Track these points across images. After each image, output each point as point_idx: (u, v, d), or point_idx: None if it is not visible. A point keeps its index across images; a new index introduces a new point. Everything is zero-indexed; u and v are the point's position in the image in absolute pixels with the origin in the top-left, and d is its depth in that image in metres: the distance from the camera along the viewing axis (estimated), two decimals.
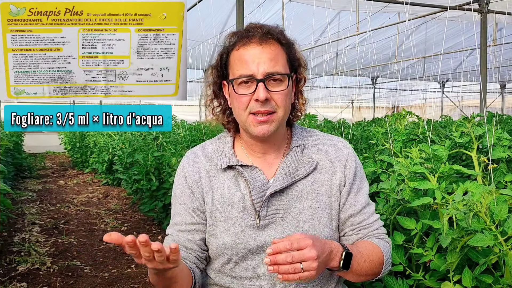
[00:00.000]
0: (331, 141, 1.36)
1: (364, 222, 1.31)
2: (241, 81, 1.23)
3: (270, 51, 1.23)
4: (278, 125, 1.25)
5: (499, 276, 1.36)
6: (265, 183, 1.28)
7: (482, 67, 5.80)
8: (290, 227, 1.26)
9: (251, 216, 1.26)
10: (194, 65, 9.75)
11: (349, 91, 18.38)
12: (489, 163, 1.78)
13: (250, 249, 1.26)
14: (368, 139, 3.89)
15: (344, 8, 8.93)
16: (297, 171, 1.28)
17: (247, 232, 1.26)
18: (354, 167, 1.33)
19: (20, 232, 4.88)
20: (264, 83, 1.20)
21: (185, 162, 1.36)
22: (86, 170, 9.65)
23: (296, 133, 1.36)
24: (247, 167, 1.29)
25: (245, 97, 1.22)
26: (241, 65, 1.23)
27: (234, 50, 1.25)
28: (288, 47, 1.28)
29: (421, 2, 6.37)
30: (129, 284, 3.55)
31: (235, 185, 1.29)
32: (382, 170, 2.06)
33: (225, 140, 1.37)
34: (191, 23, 8.14)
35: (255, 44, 1.23)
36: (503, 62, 10.03)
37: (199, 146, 1.40)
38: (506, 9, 6.73)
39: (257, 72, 1.21)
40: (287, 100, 1.25)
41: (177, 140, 5.57)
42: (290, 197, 1.27)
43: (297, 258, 1.04)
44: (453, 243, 1.39)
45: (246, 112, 1.23)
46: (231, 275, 1.29)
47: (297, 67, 1.30)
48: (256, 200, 1.26)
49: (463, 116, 2.10)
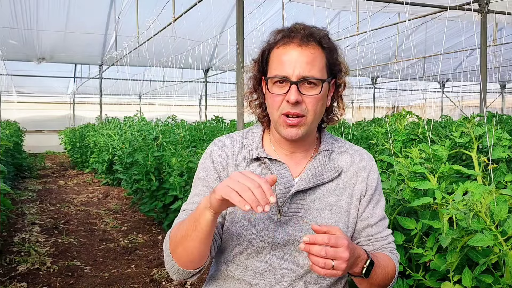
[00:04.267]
0: (357, 151, 1.39)
1: (379, 234, 1.34)
2: (276, 80, 1.24)
3: (309, 54, 1.22)
4: (307, 129, 1.26)
5: (499, 276, 1.36)
6: (290, 180, 1.29)
7: (482, 67, 5.79)
8: (308, 227, 1.27)
9: (272, 210, 1.27)
10: (194, 65, 9.72)
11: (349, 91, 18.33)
12: (489, 163, 1.78)
13: (267, 242, 1.27)
14: (368, 139, 3.89)
15: (344, 8, 8.92)
16: (322, 174, 1.30)
17: (266, 225, 1.27)
18: (376, 179, 1.36)
19: (20, 232, 4.88)
20: (297, 85, 1.21)
21: (213, 147, 1.37)
22: (86, 170, 9.65)
23: (325, 138, 1.38)
24: (274, 161, 1.31)
25: (278, 96, 1.24)
26: (278, 65, 1.24)
27: (275, 48, 1.27)
28: (330, 51, 1.27)
29: (421, 2, 6.36)
30: (129, 284, 3.55)
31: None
32: (382, 170, 2.06)
33: (255, 133, 1.38)
34: (191, 23, 8.15)
35: (295, 45, 1.23)
36: (503, 62, 10.03)
37: (228, 135, 1.41)
38: (506, 9, 6.72)
39: (292, 74, 1.21)
40: (319, 105, 1.26)
41: (177, 140, 5.57)
42: (313, 198, 1.29)
43: (330, 255, 1.06)
44: (453, 243, 1.39)
45: (278, 112, 1.24)
46: (243, 265, 1.29)
47: (337, 72, 1.31)
48: (280, 196, 1.27)
49: (463, 116, 2.10)
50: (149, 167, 4.96)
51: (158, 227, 5.07)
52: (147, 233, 4.91)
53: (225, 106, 13.88)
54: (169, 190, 4.44)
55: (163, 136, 5.66)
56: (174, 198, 4.48)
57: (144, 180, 4.98)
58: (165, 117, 7.91)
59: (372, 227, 1.33)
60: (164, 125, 7.30)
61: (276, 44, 1.27)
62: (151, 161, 4.98)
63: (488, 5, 6.05)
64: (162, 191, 4.79)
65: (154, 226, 5.14)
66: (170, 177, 4.38)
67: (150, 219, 5.33)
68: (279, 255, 1.27)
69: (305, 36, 1.24)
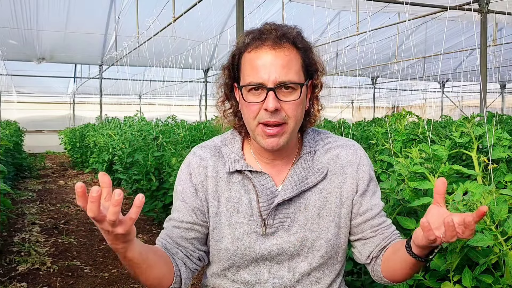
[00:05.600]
0: (342, 145, 1.31)
1: (384, 223, 1.30)
2: (251, 88, 1.15)
3: (284, 56, 1.14)
4: (288, 137, 1.18)
5: (499, 276, 1.36)
6: (273, 191, 1.23)
7: (482, 67, 5.79)
8: (296, 236, 1.23)
9: (257, 223, 1.22)
10: (194, 65, 9.72)
11: (349, 91, 18.37)
12: (489, 163, 1.78)
13: (255, 256, 1.23)
14: (368, 139, 3.89)
15: (344, 8, 8.93)
16: (306, 179, 1.24)
17: (252, 239, 1.22)
18: (367, 170, 1.29)
19: (20, 232, 4.88)
20: (274, 92, 1.12)
21: (191, 158, 1.29)
22: (86, 170, 9.65)
23: (307, 138, 1.30)
24: (256, 173, 1.24)
25: (255, 105, 1.15)
26: (251, 71, 1.14)
27: (246, 52, 1.17)
28: (305, 51, 1.19)
29: (421, 2, 6.36)
30: (129, 284, 3.55)
31: (242, 189, 1.24)
32: (382, 170, 2.06)
33: (234, 140, 1.30)
34: (191, 23, 8.15)
35: (268, 48, 1.14)
36: (503, 62, 10.03)
37: (207, 143, 1.32)
38: (506, 9, 6.72)
39: (267, 80, 1.12)
40: (299, 110, 1.17)
41: (177, 140, 5.56)
42: (298, 205, 1.23)
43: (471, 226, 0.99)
44: (453, 243, 1.39)
45: (255, 121, 1.16)
46: (233, 279, 1.27)
47: (314, 72, 1.22)
48: (264, 208, 1.22)
49: (463, 116, 2.10)
50: (149, 167, 4.96)
51: (158, 227, 5.07)
52: (147, 233, 4.90)
53: None
54: (169, 190, 4.44)
55: (163, 136, 5.66)
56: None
57: (144, 180, 4.98)
58: (165, 117, 7.90)
59: (375, 218, 1.28)
60: (164, 125, 7.29)
61: (246, 47, 1.17)
62: (151, 161, 4.98)
63: (488, 5, 6.05)
64: (162, 191, 4.79)
65: (154, 226, 5.14)
66: (170, 177, 4.38)
67: (150, 219, 5.33)
68: (269, 265, 1.25)
69: (278, 37, 1.14)
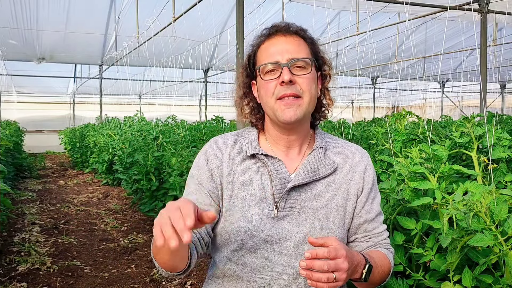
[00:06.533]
0: (352, 148, 1.41)
1: (375, 230, 1.35)
2: (268, 70, 1.28)
3: (294, 40, 1.29)
4: (304, 111, 1.28)
5: (499, 276, 1.36)
6: (286, 176, 1.30)
7: (482, 67, 5.79)
8: (305, 223, 1.28)
9: (269, 206, 1.28)
10: (194, 65, 9.73)
11: (349, 91, 18.37)
12: (489, 163, 1.78)
13: (264, 238, 1.27)
14: (368, 139, 3.89)
15: (344, 8, 8.93)
16: (318, 170, 1.32)
17: (263, 221, 1.28)
18: (372, 174, 1.37)
19: (20, 232, 4.88)
20: (288, 67, 1.25)
21: (208, 146, 1.39)
22: (86, 170, 9.65)
23: (319, 135, 1.40)
24: (270, 158, 1.33)
25: (272, 82, 1.27)
26: (266, 55, 1.29)
27: (260, 46, 1.32)
28: (312, 43, 1.33)
29: (421, 2, 6.36)
30: (129, 284, 3.55)
31: (256, 174, 1.32)
32: (382, 170, 2.06)
33: (251, 132, 1.41)
34: (191, 23, 8.15)
35: (280, 35, 1.30)
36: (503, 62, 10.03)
37: (224, 135, 1.43)
38: (506, 9, 6.72)
39: (281, 58, 1.27)
40: (312, 86, 1.29)
41: (177, 140, 5.56)
42: (309, 194, 1.30)
43: (332, 268, 1.06)
44: (453, 243, 1.39)
45: (273, 98, 1.27)
46: (241, 262, 1.30)
47: (322, 64, 1.35)
48: (277, 191, 1.28)
49: (463, 116, 2.10)
50: (149, 167, 4.96)
51: None
52: (147, 233, 4.90)
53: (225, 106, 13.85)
54: (169, 190, 4.44)
55: (163, 136, 5.66)
56: (174, 198, 4.48)
57: (144, 180, 4.98)
58: (165, 117, 7.91)
59: (370, 223, 1.34)
60: (164, 125, 7.30)
61: (260, 43, 1.33)
62: (151, 161, 4.98)
63: (488, 5, 6.05)
64: (162, 191, 4.79)
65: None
66: (170, 177, 4.38)
67: (150, 219, 5.33)
68: (277, 251, 1.28)
69: (287, 28, 1.31)
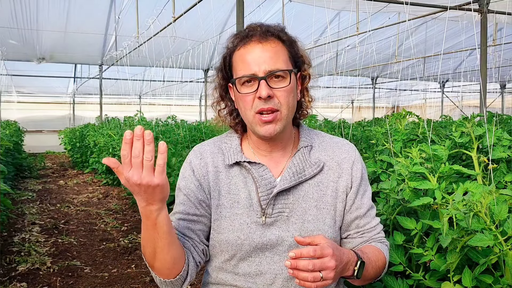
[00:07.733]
0: (338, 143, 1.37)
1: (368, 225, 1.33)
2: (244, 80, 1.24)
3: (271, 48, 1.23)
4: (284, 124, 1.25)
5: (499, 276, 1.36)
6: (272, 181, 1.28)
7: (482, 67, 5.79)
8: (295, 226, 1.26)
9: (257, 213, 1.27)
10: (194, 65, 9.72)
11: (349, 91, 18.38)
12: (489, 163, 1.78)
13: (255, 246, 1.26)
14: (368, 139, 3.89)
15: (344, 8, 8.93)
16: (304, 171, 1.29)
17: (252, 229, 1.26)
18: (360, 169, 1.34)
19: (20, 232, 4.88)
20: (266, 80, 1.21)
21: (192, 156, 1.36)
22: (86, 170, 9.65)
23: (304, 134, 1.36)
24: (254, 164, 1.30)
25: (249, 96, 1.23)
26: (242, 65, 1.24)
27: (236, 50, 1.27)
28: (290, 44, 1.28)
29: (421, 2, 6.36)
30: (129, 284, 3.55)
31: (242, 181, 1.30)
32: (382, 170, 2.06)
33: (232, 138, 1.37)
34: (191, 23, 8.15)
35: (255, 43, 1.23)
36: (503, 62, 10.03)
37: (206, 142, 1.41)
38: (506, 9, 6.73)
39: (258, 71, 1.21)
40: (291, 97, 1.25)
41: (177, 140, 5.57)
42: (296, 196, 1.28)
43: (318, 267, 1.05)
44: (453, 243, 1.39)
45: (252, 111, 1.23)
46: (234, 271, 1.29)
47: (301, 64, 1.30)
48: (263, 198, 1.27)
49: (463, 116, 2.10)
50: None
51: None
52: None
53: None
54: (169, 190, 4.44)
55: (163, 136, 5.67)
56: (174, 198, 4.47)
57: None
58: (165, 117, 7.91)
59: (361, 219, 1.32)
60: (164, 125, 7.30)
61: (236, 47, 1.27)
62: None
63: (488, 5, 6.05)
64: None
65: None
66: (170, 177, 4.38)
67: None
68: (269, 257, 1.27)
69: (263, 32, 1.24)
